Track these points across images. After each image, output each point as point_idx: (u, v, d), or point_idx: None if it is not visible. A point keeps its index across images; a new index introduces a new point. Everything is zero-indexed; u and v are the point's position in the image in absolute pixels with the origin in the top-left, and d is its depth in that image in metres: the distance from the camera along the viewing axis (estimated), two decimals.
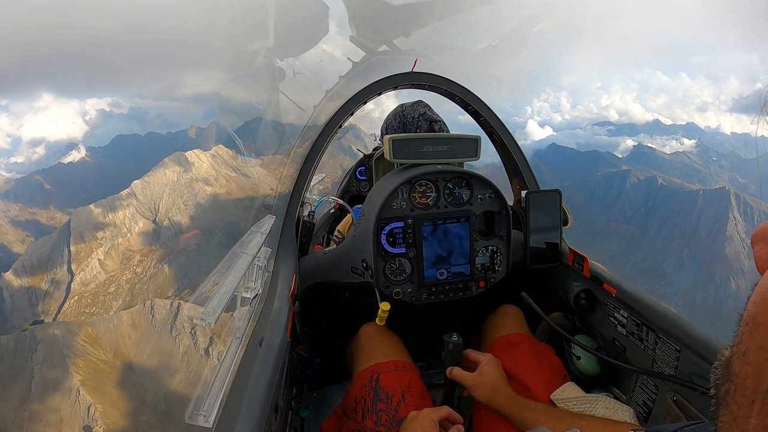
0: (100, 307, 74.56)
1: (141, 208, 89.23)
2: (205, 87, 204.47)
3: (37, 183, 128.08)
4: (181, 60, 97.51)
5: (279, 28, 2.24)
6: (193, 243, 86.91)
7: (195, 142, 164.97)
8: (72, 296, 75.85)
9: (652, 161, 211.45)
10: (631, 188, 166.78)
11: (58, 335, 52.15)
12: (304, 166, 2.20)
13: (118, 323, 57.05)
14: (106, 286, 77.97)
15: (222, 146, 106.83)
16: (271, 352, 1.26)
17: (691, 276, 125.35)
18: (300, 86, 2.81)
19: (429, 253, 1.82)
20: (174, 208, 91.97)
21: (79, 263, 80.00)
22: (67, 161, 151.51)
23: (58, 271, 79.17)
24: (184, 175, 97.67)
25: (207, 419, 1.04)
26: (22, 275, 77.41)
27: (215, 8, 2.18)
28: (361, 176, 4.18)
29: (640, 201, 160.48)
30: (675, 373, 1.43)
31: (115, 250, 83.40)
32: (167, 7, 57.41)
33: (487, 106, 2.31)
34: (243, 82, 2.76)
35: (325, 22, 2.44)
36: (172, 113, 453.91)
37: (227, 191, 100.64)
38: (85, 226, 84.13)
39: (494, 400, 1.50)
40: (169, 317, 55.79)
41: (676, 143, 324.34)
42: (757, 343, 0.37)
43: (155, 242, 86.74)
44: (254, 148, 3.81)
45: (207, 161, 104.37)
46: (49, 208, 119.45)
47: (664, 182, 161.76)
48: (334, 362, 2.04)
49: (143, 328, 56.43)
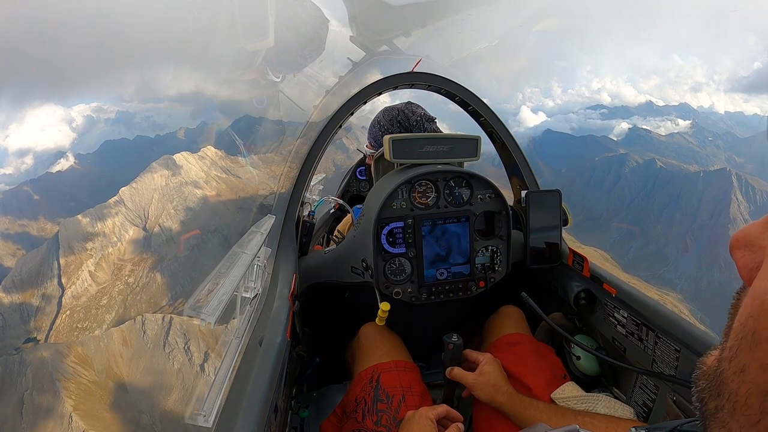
0: (92, 321, 72.65)
1: (130, 216, 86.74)
2: (201, 86, 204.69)
3: (25, 194, 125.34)
4: (177, 59, 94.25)
5: (278, 30, 2.15)
6: (192, 244, 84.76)
7: (184, 143, 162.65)
8: (63, 311, 73.91)
9: (648, 143, 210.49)
10: (629, 172, 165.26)
11: (47, 358, 50.71)
12: (303, 165, 2.20)
13: (108, 341, 55.42)
14: (98, 299, 75.78)
15: (211, 147, 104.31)
16: (271, 351, 1.27)
17: (695, 260, 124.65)
18: (300, 86, 2.81)
19: (429, 253, 1.81)
20: (164, 213, 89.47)
21: (70, 276, 77.97)
22: (55, 170, 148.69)
23: (49, 285, 77.26)
24: (173, 179, 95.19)
25: (207, 419, 1.04)
26: (12, 291, 75.49)
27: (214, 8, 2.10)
28: (361, 176, 4.17)
29: (639, 185, 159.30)
30: (675, 373, 1.44)
31: (105, 260, 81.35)
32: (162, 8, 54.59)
33: (486, 105, 2.33)
34: (243, 81, 2.68)
35: (323, 37, 2.44)
36: (160, 114, 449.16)
37: (218, 193, 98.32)
38: (74, 237, 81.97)
39: (496, 399, 1.49)
40: (162, 333, 54.07)
41: (671, 124, 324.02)
42: (761, 361, 0.35)
43: (146, 250, 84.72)
44: (253, 148, 4.21)
45: (196, 164, 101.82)
46: (39, 219, 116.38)
47: (663, 165, 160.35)
48: (334, 362, 2.05)
49: (135, 345, 54.80)
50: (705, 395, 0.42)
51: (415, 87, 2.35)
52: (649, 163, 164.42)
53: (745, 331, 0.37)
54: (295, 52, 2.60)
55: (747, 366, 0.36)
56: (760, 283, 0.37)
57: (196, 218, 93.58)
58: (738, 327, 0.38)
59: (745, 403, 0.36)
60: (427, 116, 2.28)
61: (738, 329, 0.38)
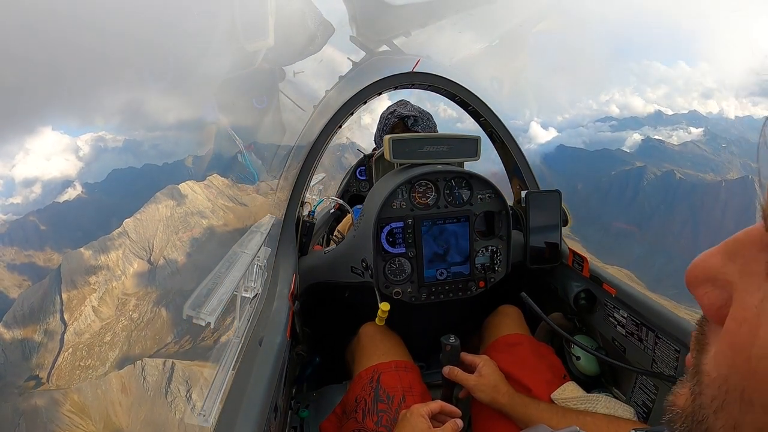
0: (95, 359, 69.66)
1: (134, 248, 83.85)
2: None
3: (32, 224, 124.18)
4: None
5: (278, 32, 2.13)
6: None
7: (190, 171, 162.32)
8: (66, 349, 71.08)
9: (662, 154, 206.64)
10: (648, 185, 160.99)
11: (41, 406, 47.46)
12: (304, 165, 2.21)
13: (107, 388, 52.03)
14: (102, 335, 72.70)
15: (218, 175, 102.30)
16: (271, 351, 1.27)
17: None
18: (301, 85, 2.79)
19: (429, 253, 1.82)
20: (169, 245, 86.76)
21: (72, 312, 75.04)
22: (62, 200, 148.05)
23: (51, 321, 74.59)
24: (178, 209, 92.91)
25: (206, 419, 1.05)
26: (14, 327, 73.02)
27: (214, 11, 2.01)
28: (360, 176, 4.17)
29: (659, 198, 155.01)
30: (674, 373, 1.45)
31: (109, 295, 78.22)
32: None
33: (486, 105, 2.35)
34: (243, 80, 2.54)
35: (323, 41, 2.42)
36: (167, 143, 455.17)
37: (225, 222, 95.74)
38: (77, 271, 78.90)
39: (496, 400, 1.49)
40: (163, 379, 50.29)
41: (683, 133, 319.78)
42: (756, 425, 0.32)
43: (151, 283, 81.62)
44: (254, 149, 3.09)
45: (201, 192, 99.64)
46: (45, 249, 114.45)
47: (681, 176, 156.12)
48: (334, 362, 2.05)
49: (134, 393, 51.17)
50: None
51: (416, 87, 2.38)
52: (667, 175, 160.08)
53: (730, 385, 0.34)
54: (296, 54, 2.55)
55: (739, 424, 0.33)
56: (737, 329, 0.34)
57: (202, 249, 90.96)
58: (719, 378, 0.35)
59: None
60: (398, 113, 2.37)
61: (719, 380, 0.35)
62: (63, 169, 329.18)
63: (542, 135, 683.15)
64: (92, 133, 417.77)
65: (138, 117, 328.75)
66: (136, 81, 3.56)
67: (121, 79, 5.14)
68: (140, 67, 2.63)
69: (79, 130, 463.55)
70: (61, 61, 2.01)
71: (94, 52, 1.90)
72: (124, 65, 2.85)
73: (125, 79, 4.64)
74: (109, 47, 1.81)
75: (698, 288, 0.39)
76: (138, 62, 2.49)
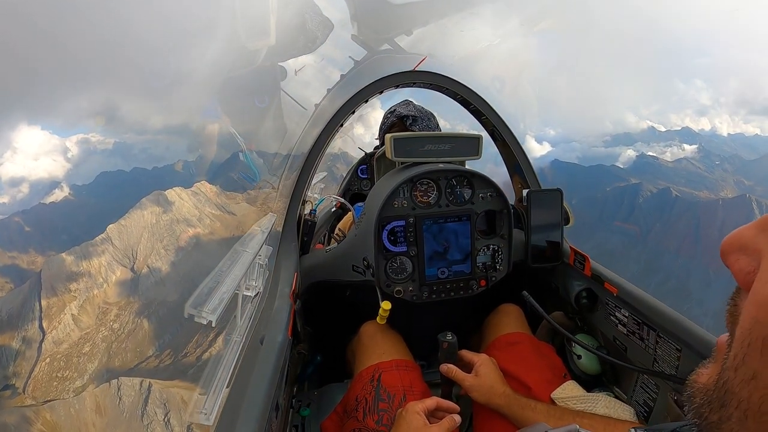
0: (73, 370, 66.77)
1: (117, 255, 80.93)
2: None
3: (16, 225, 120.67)
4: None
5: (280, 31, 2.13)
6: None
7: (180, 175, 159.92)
8: (43, 358, 68.22)
9: (656, 170, 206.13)
10: (644, 202, 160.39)
11: (11, 424, 44.73)
12: (305, 164, 2.20)
13: (80, 407, 49.48)
14: (80, 346, 69.70)
15: (206, 182, 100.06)
16: (272, 350, 1.27)
17: (720, 293, 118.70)
18: (301, 84, 2.80)
19: (430, 252, 1.81)
20: (153, 253, 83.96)
21: (51, 320, 71.85)
22: (48, 201, 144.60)
23: (30, 328, 71.49)
24: (164, 216, 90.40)
25: (208, 417, 1.05)
26: None
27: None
28: (362, 175, 4.17)
29: (654, 215, 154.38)
30: (676, 372, 1.44)
31: (90, 303, 75.14)
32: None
33: (488, 104, 2.33)
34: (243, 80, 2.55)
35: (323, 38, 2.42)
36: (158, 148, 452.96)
37: (211, 231, 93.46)
38: (58, 277, 75.77)
39: (492, 401, 1.49)
40: (140, 401, 47.21)
41: (677, 149, 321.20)
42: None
43: (134, 293, 78.42)
44: (255, 148, 3.17)
45: (189, 200, 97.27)
46: (29, 252, 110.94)
47: (677, 194, 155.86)
48: (335, 361, 2.04)
49: (110, 413, 48.35)
50: (704, 410, 0.40)
51: (417, 85, 2.36)
52: (663, 192, 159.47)
53: (753, 337, 0.36)
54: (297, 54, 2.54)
55: (758, 373, 0.35)
56: (762, 287, 0.36)
57: (188, 259, 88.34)
58: (743, 334, 0.37)
59: (759, 410, 0.35)
60: (397, 113, 2.39)
61: (743, 336, 0.37)
62: (51, 170, 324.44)
63: (537, 149, 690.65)
64: (82, 134, 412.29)
65: (129, 119, 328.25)
66: (137, 81, 4.78)
67: (120, 79, 5.70)
68: (140, 67, 2.73)
69: (69, 131, 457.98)
70: (58, 58, 3.38)
71: (93, 52, 1.94)
72: (124, 65, 2.90)
73: (125, 79, 5.76)
74: (109, 47, 1.75)
75: (730, 256, 0.41)
76: (138, 62, 2.44)
